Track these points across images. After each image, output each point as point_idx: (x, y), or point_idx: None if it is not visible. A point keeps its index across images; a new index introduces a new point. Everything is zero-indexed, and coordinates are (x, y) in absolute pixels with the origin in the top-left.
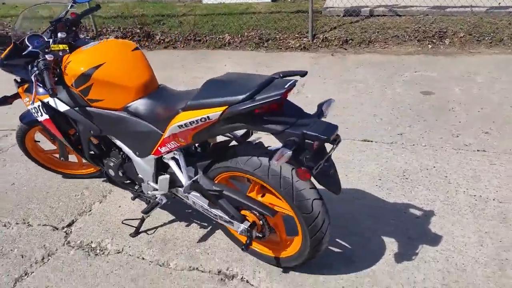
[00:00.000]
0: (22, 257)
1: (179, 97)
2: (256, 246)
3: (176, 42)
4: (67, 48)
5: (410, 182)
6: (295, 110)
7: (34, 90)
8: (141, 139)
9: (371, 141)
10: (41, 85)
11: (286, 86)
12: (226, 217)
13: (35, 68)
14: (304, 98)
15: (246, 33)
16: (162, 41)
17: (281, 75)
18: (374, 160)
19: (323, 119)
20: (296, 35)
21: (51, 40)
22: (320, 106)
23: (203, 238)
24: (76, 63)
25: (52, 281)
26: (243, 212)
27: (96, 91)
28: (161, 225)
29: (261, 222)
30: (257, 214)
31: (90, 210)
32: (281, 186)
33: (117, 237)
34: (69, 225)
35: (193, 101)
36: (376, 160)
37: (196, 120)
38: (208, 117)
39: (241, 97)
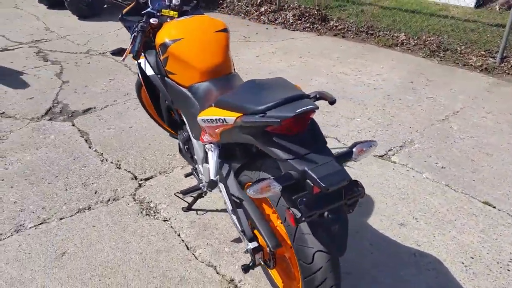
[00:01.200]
0: (95, 193)
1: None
2: (272, 271)
3: (347, 32)
4: (176, 15)
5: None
6: (315, 141)
7: (128, 47)
8: (196, 122)
9: (493, 207)
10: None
11: (297, 111)
12: (239, 228)
13: (136, 28)
14: (448, 128)
15: (424, 37)
16: (334, 27)
17: (317, 96)
18: (481, 232)
19: (350, 163)
20: (482, 53)
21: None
22: (353, 145)
23: (238, 240)
24: (163, 32)
25: (100, 223)
26: (256, 231)
27: (171, 64)
28: (213, 210)
29: (268, 249)
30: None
31: (170, 172)
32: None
33: (172, 206)
34: (147, 179)
35: (221, 98)
36: (484, 232)
37: (215, 119)
38: (224, 119)
39: (257, 107)
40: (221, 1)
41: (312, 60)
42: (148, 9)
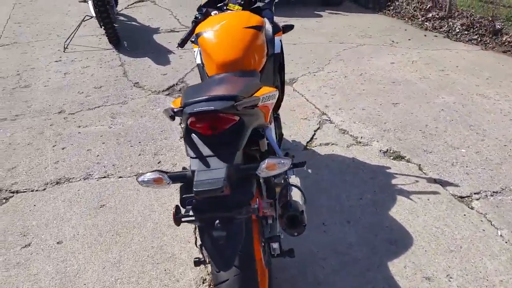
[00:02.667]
0: (158, 163)
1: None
2: None
3: None
4: (240, 10)
5: None
6: (226, 146)
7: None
8: None
9: None
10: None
11: (195, 110)
12: None
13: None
14: None
15: None
16: (506, 43)
17: (240, 98)
18: None
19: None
20: None
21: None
22: (265, 158)
23: None
24: (201, 24)
25: (144, 189)
26: None
27: (202, 54)
28: None
29: None
30: None
31: None
32: None
33: None
34: None
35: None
36: None
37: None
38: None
39: (185, 101)
40: (389, 3)
41: (454, 76)
42: (223, 3)
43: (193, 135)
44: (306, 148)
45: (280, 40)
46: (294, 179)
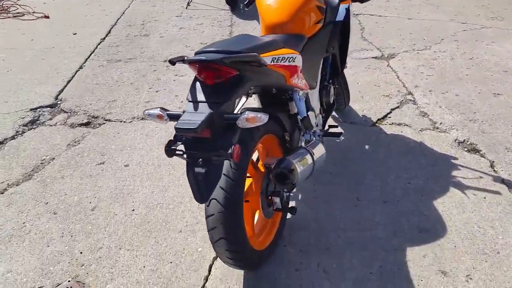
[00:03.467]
0: None
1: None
2: None
3: None
4: None
5: None
6: (220, 95)
7: None
8: None
9: None
10: None
11: (191, 58)
12: None
13: None
14: None
15: None
16: None
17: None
18: None
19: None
20: None
21: None
22: (244, 110)
23: None
24: None
25: None
26: None
27: (259, 15)
28: None
29: None
30: None
31: None
32: None
33: None
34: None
35: None
36: None
37: None
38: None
39: (197, 51)
40: None
41: None
42: None
43: (197, 83)
44: (375, 125)
45: (346, 9)
46: (320, 147)
